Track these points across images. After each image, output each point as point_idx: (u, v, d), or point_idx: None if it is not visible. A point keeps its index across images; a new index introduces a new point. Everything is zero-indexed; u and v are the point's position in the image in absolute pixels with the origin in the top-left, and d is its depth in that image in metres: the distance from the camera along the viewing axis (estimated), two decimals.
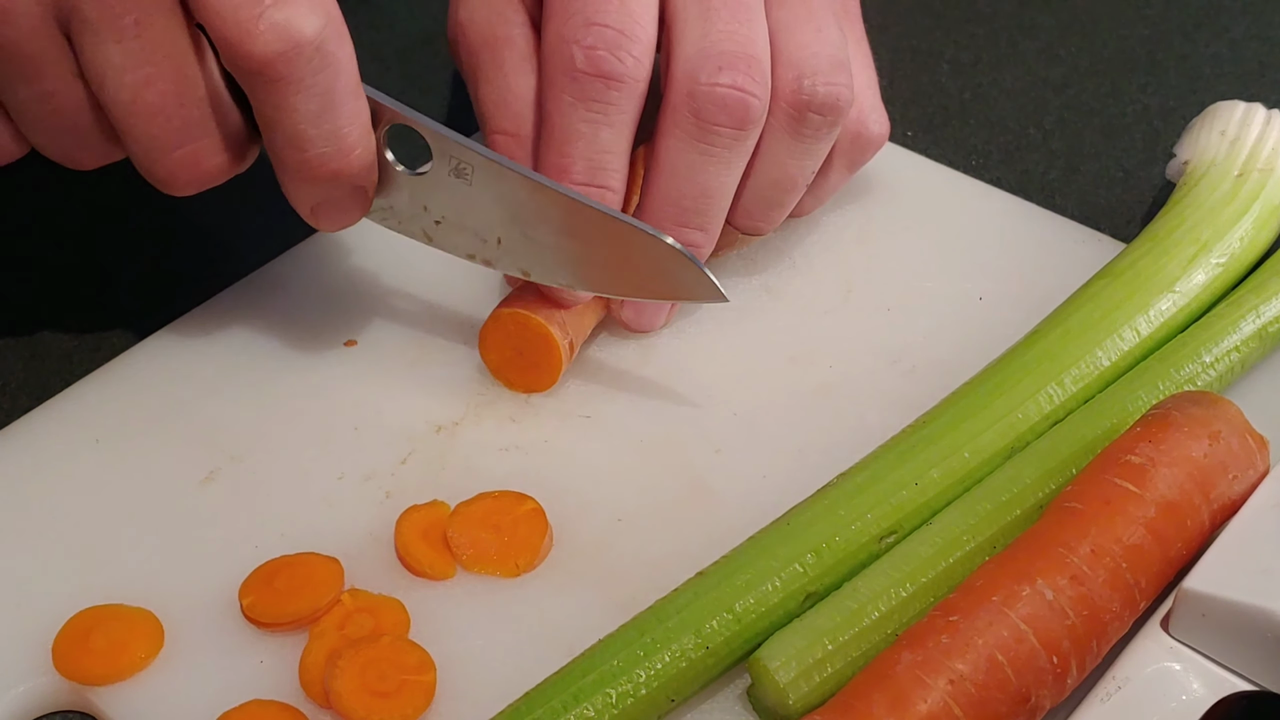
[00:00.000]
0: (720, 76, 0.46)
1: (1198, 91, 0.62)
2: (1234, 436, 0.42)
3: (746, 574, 0.41)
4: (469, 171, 0.46)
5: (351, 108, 0.44)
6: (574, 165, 0.47)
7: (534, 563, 0.45)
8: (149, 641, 0.43)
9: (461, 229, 0.48)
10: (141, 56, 0.42)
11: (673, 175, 0.47)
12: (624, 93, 0.47)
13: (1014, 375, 0.46)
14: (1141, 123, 0.60)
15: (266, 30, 0.41)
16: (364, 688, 0.41)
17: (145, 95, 0.42)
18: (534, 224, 0.46)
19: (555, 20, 0.47)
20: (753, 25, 0.47)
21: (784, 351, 0.51)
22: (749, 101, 0.46)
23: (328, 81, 0.43)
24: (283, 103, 0.42)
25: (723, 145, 0.47)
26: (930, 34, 0.66)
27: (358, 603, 0.43)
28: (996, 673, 0.37)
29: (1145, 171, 0.58)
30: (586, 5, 0.46)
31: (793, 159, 0.49)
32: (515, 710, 0.39)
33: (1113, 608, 0.39)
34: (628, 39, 0.46)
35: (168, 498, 0.47)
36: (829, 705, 0.37)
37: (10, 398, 0.51)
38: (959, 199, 0.57)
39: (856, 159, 0.52)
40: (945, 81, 0.63)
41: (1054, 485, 0.43)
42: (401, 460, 0.48)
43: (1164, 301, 0.48)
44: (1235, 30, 0.65)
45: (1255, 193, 0.51)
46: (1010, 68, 0.64)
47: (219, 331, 0.52)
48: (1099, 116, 0.61)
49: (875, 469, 0.44)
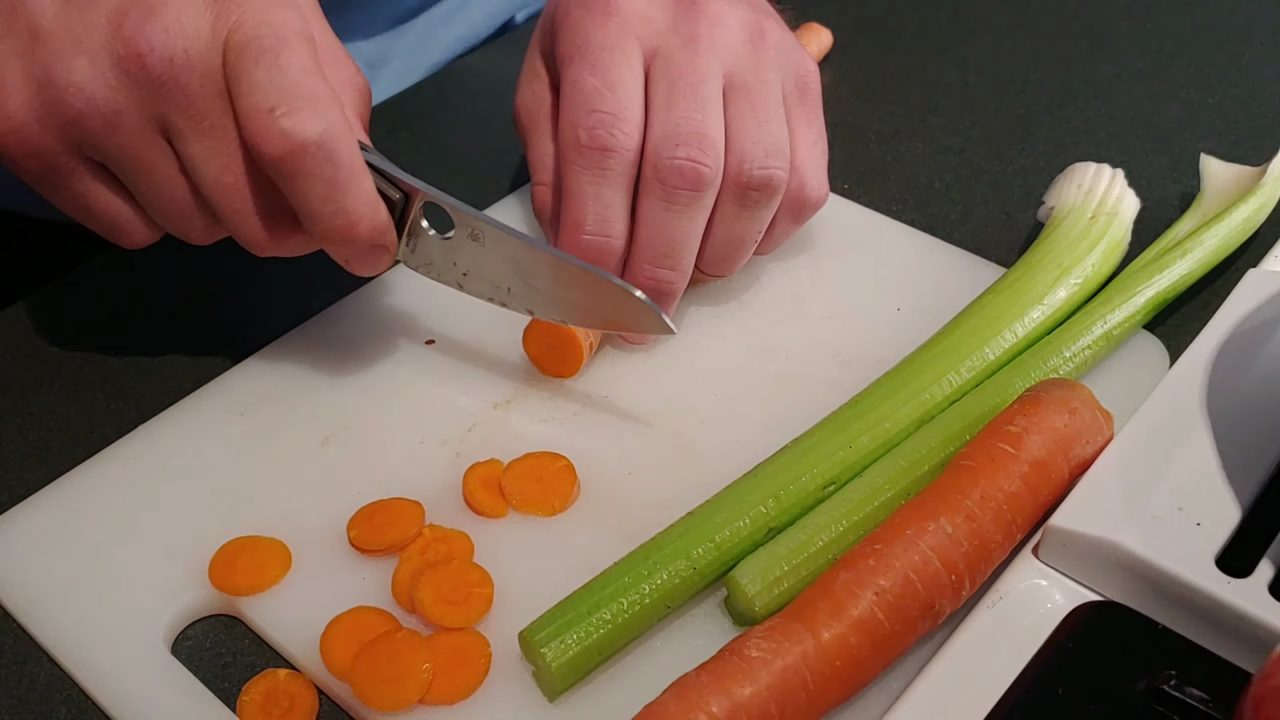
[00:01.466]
0: (678, 151, 0.46)
1: (1061, 155, 0.62)
2: (1087, 412, 0.42)
3: (724, 514, 0.41)
4: (481, 236, 0.46)
5: (354, 189, 0.42)
6: (585, 220, 0.47)
7: (566, 505, 0.45)
8: (280, 563, 0.43)
9: (481, 279, 0.47)
10: (216, 149, 0.42)
11: (649, 228, 0.47)
12: (618, 160, 0.46)
13: (923, 366, 0.46)
14: (1019, 178, 0.60)
15: (277, 135, 0.40)
16: (440, 598, 0.41)
17: (224, 178, 0.42)
18: (532, 276, 0.46)
19: (567, 108, 0.47)
20: (706, 112, 0.46)
21: (751, 348, 0.51)
22: (701, 170, 0.46)
23: (331, 171, 0.41)
24: (295, 189, 0.42)
25: (682, 203, 0.46)
26: (860, 113, 0.66)
27: (435, 535, 0.43)
28: (909, 587, 0.37)
29: (1022, 214, 0.58)
30: (589, 97, 0.46)
31: (740, 223, 0.48)
32: (551, 614, 0.39)
33: (996, 539, 0.39)
34: (620, 120, 0.46)
35: (295, 456, 0.47)
36: (785, 611, 0.37)
37: (178, 382, 0.51)
38: (883, 235, 0.57)
39: (800, 216, 0.51)
40: (872, 148, 0.63)
41: (953, 448, 0.43)
42: (468, 429, 0.48)
43: (1035, 311, 0.48)
44: (1089, 110, 0.65)
45: (1103, 231, 0.50)
46: (921, 138, 0.64)
47: (333, 334, 0.52)
48: (987, 174, 0.61)
49: (819, 436, 0.44)
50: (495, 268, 0.46)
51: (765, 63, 0.49)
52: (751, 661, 0.35)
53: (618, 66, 0.47)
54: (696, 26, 0.48)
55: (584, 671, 0.39)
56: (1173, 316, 0.51)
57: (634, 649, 0.40)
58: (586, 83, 0.46)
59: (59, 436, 0.49)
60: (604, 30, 0.47)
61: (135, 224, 0.44)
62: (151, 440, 0.48)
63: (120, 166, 0.42)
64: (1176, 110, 0.64)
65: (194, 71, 0.40)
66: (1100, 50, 0.69)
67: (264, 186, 0.43)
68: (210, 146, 0.41)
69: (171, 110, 0.41)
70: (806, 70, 0.51)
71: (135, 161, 0.42)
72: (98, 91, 0.40)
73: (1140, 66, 0.68)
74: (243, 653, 0.42)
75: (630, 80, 0.47)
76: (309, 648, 0.40)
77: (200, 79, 0.40)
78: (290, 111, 0.40)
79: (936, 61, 0.69)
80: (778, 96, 0.49)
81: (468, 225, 0.46)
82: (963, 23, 0.73)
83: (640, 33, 0.48)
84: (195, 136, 0.41)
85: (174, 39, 0.40)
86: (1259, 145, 0.61)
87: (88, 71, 0.40)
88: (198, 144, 0.41)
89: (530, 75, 0.51)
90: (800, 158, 0.49)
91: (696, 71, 0.47)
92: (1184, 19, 0.71)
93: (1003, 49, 0.70)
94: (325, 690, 0.40)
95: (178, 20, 0.40)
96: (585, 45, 0.47)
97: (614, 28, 0.47)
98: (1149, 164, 0.61)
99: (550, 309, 0.47)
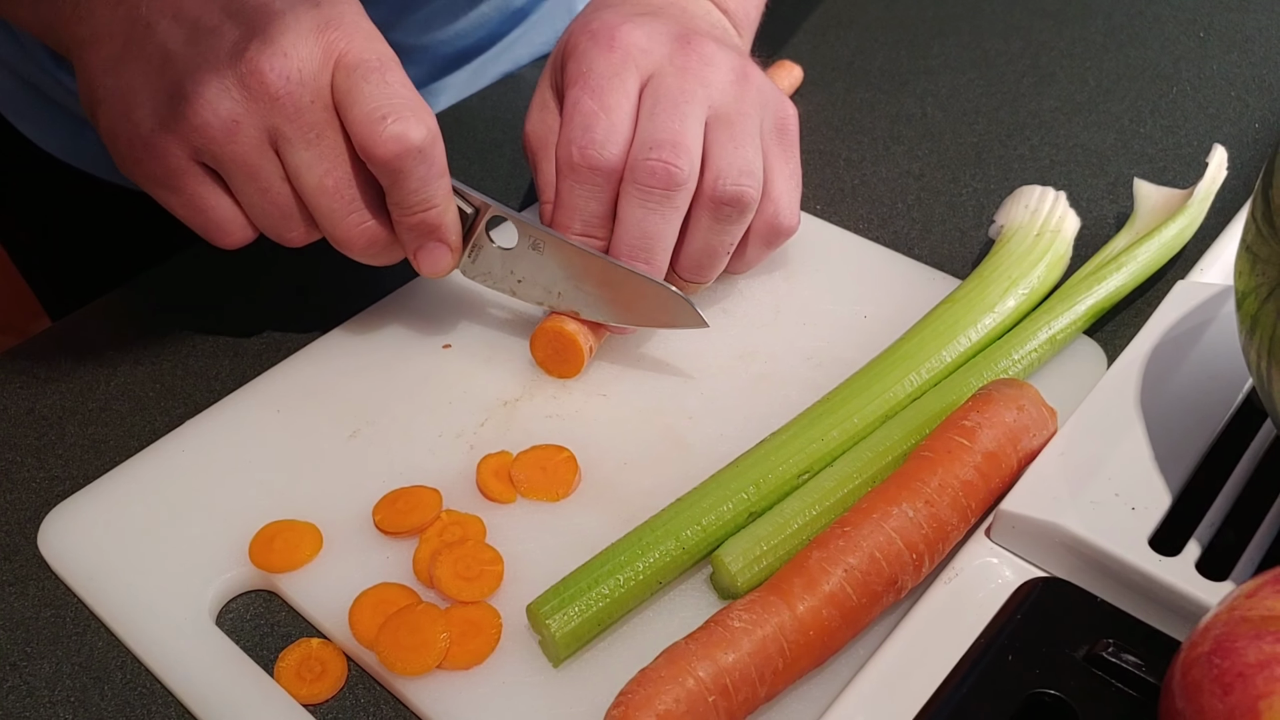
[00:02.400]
0: (651, 154, 0.46)
1: (1009, 179, 0.62)
2: (1033, 408, 0.42)
3: (709, 500, 0.41)
4: (542, 246, 0.47)
5: (439, 184, 0.45)
6: (574, 224, 0.48)
7: (568, 492, 0.45)
8: (313, 544, 0.43)
9: (535, 285, 0.49)
10: (320, 156, 0.43)
11: (626, 224, 0.47)
12: (605, 176, 0.47)
13: (888, 368, 0.46)
14: (972, 200, 0.60)
15: (388, 139, 0.42)
16: (456, 574, 0.41)
17: (325, 181, 0.44)
18: (583, 280, 0.47)
19: (565, 126, 0.47)
20: (685, 123, 0.46)
21: (734, 352, 0.51)
22: (672, 171, 0.46)
23: (426, 170, 0.44)
24: (396, 184, 0.44)
25: (656, 201, 0.46)
26: (830, 141, 0.66)
27: (451, 519, 0.43)
28: (875, 564, 0.37)
29: (975, 232, 0.58)
30: (586, 118, 0.47)
31: (713, 235, 0.48)
32: (555, 589, 0.39)
33: (953, 521, 0.39)
34: (610, 141, 0.46)
35: (325, 448, 0.47)
36: (764, 586, 0.37)
37: (221, 383, 0.51)
38: (851, 250, 0.56)
39: (772, 241, 0.51)
40: (841, 173, 0.63)
41: (914, 441, 0.43)
42: (480, 424, 0.48)
43: (987, 319, 0.48)
44: (1034, 139, 0.65)
45: (1047, 247, 0.50)
46: (884, 164, 0.64)
47: (360, 338, 0.52)
48: (944, 195, 0.61)
49: (795, 430, 0.44)
50: (550, 274, 0.48)
51: (748, 100, 0.49)
52: (734, 631, 0.35)
53: (615, 93, 0.47)
54: (689, 60, 0.48)
55: (585, 640, 0.39)
56: (1110, 323, 0.51)
57: (629, 620, 0.40)
58: (585, 105, 0.47)
59: (114, 430, 0.49)
60: (607, 60, 0.47)
61: (237, 224, 0.46)
62: (197, 434, 0.48)
63: (232, 173, 0.43)
64: (1112, 139, 0.64)
65: (306, 88, 0.42)
66: (1045, 86, 0.69)
67: (359, 190, 0.44)
68: (316, 154, 0.43)
69: (285, 122, 0.42)
70: (786, 113, 0.51)
71: (247, 168, 0.43)
72: (221, 104, 0.42)
73: (1080, 100, 0.68)
74: (279, 624, 0.41)
75: (625, 105, 0.47)
76: (339, 619, 0.40)
77: (312, 94, 0.42)
78: (399, 118, 0.42)
79: (899, 95, 0.69)
80: (756, 129, 0.49)
81: (530, 236, 0.48)
82: (922, 61, 0.73)
83: (639, 63, 0.48)
84: (303, 145, 0.43)
85: (291, 61, 0.42)
86: (1185, 171, 0.61)
87: (214, 87, 0.42)
88: (304, 152, 0.43)
89: (540, 105, 0.51)
90: (777, 189, 0.49)
91: (683, 93, 0.47)
92: (1119, 59, 0.71)
93: (958, 85, 0.70)
94: (353, 657, 0.40)
95: (295, 46, 0.42)
96: (589, 72, 0.47)
97: (616, 58, 0.47)
98: (1088, 187, 0.61)
99: (596, 309, 0.48)
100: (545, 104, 0.51)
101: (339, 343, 0.52)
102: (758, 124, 0.49)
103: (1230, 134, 0.64)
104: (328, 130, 0.43)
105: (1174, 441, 0.40)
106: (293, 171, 0.44)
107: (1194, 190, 0.53)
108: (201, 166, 0.44)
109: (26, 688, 0.40)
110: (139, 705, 0.39)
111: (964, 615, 0.37)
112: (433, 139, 0.43)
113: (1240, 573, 0.36)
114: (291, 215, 0.45)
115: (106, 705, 0.39)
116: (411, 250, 0.47)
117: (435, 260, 0.47)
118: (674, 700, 0.33)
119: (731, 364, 0.50)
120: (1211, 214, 0.54)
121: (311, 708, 0.39)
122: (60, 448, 0.48)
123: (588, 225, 0.48)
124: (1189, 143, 0.64)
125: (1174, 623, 0.35)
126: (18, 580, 0.43)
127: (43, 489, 0.47)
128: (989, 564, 0.39)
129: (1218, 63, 0.70)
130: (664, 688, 0.34)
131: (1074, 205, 0.53)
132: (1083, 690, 0.34)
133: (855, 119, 0.68)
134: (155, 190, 0.45)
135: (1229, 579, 0.36)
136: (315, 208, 0.44)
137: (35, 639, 0.41)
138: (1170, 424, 0.41)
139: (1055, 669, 0.35)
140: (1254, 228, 0.37)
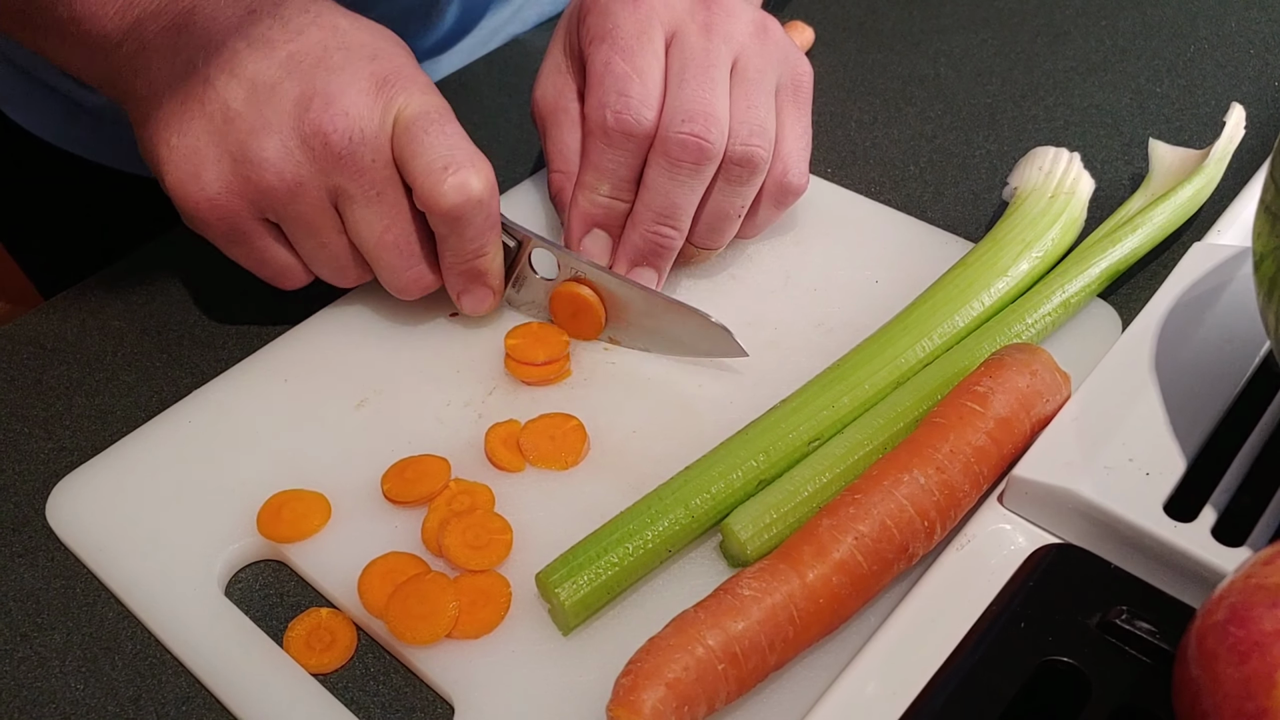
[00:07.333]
0: (684, 126, 0.45)
1: (1023, 140, 0.61)
2: (1046, 373, 0.41)
3: (719, 468, 0.41)
4: (583, 276, 0.48)
5: (491, 233, 0.46)
6: (601, 186, 0.48)
7: (577, 461, 0.44)
8: (321, 514, 0.43)
9: None
10: (382, 212, 0.44)
11: (654, 191, 0.47)
12: (638, 142, 0.46)
13: (899, 333, 0.46)
14: (985, 162, 0.60)
15: (450, 190, 0.43)
16: (464, 544, 0.41)
17: (386, 237, 0.45)
18: (623, 309, 0.48)
19: (596, 88, 0.47)
20: (714, 92, 0.46)
21: (743, 318, 0.50)
22: (704, 145, 0.45)
23: (483, 220, 0.44)
24: (453, 233, 0.45)
25: (686, 174, 0.46)
26: (841, 103, 0.65)
27: (460, 487, 0.43)
28: (886, 532, 0.37)
29: (988, 195, 0.57)
30: (620, 80, 0.46)
31: (725, 197, 0.48)
32: (564, 558, 0.39)
33: (965, 488, 0.39)
34: (644, 105, 0.46)
35: (333, 418, 0.47)
36: (774, 554, 0.37)
37: (228, 352, 0.51)
38: (862, 214, 0.56)
39: (781, 201, 0.50)
40: (852, 135, 0.62)
41: (925, 407, 0.43)
42: (489, 392, 0.48)
43: (1000, 282, 0.47)
44: (1049, 100, 0.64)
45: (1061, 209, 0.50)
46: (896, 125, 0.63)
47: (367, 308, 0.52)
48: (957, 157, 0.60)
49: (805, 397, 0.44)
50: None
51: (768, 56, 0.48)
52: (744, 599, 0.35)
53: (644, 54, 0.46)
54: (712, 15, 0.48)
55: (594, 609, 0.39)
56: (1124, 286, 0.51)
57: (638, 588, 0.40)
58: (618, 66, 0.46)
59: (121, 401, 0.49)
60: (633, 17, 0.47)
61: (297, 272, 0.47)
62: (204, 404, 0.48)
63: (293, 229, 0.45)
64: (1128, 99, 0.63)
65: (368, 146, 0.43)
66: (1059, 45, 0.68)
67: (417, 241, 0.46)
68: (376, 211, 0.44)
69: (347, 181, 0.43)
70: (802, 71, 0.50)
71: (308, 225, 0.45)
72: (285, 166, 0.43)
73: (1095, 60, 0.67)
74: (288, 594, 0.41)
75: (655, 67, 0.47)
76: (348, 589, 0.40)
77: (373, 152, 0.43)
78: (460, 169, 0.43)
79: (911, 56, 0.68)
80: (771, 87, 0.48)
81: (572, 268, 0.48)
82: (935, 20, 0.72)
83: (663, 17, 0.47)
84: (364, 202, 0.44)
85: (353, 121, 0.42)
86: (1202, 131, 0.61)
87: (278, 149, 0.42)
88: (365, 209, 0.44)
89: (552, 69, 0.51)
90: (786, 148, 0.49)
91: (709, 55, 0.47)
92: (1135, 17, 0.70)
93: (971, 44, 0.69)
94: (363, 626, 0.40)
95: (355, 105, 0.43)
96: (615, 30, 0.47)
97: (642, 14, 0.47)
98: (1103, 148, 0.60)
99: (635, 338, 0.49)
100: (558, 67, 0.51)
101: (346, 312, 0.51)
102: (774, 81, 0.48)
103: (1249, 92, 0.63)
104: (388, 187, 0.44)
105: (1189, 406, 0.40)
106: (352, 226, 0.45)
107: (1210, 150, 0.52)
108: (264, 222, 0.45)
109: (37, 658, 0.40)
110: (149, 675, 0.39)
111: (976, 582, 0.37)
112: (491, 190, 0.44)
113: (1257, 539, 0.36)
114: (347, 266, 0.47)
115: (117, 675, 0.39)
116: (455, 292, 0.48)
117: (478, 302, 0.49)
118: (683, 668, 0.33)
119: (741, 331, 0.50)
120: (1229, 174, 0.54)
121: (321, 677, 0.39)
122: (68, 419, 0.48)
123: (616, 189, 0.48)
124: (1206, 102, 0.63)
125: (1189, 589, 0.35)
126: (27, 551, 0.43)
127: (51, 460, 0.47)
128: (1001, 530, 0.39)
129: (1236, 19, 0.69)
130: (673, 656, 0.34)
131: (1088, 166, 0.52)
132: (1096, 657, 0.34)
133: (867, 80, 0.67)
134: (220, 243, 0.46)
135: (1245, 545, 0.35)
136: (375, 261, 0.46)
137: (45, 610, 0.41)
138: (1186, 388, 0.40)
139: (1068, 636, 0.34)
140: (1273, 188, 0.36)
